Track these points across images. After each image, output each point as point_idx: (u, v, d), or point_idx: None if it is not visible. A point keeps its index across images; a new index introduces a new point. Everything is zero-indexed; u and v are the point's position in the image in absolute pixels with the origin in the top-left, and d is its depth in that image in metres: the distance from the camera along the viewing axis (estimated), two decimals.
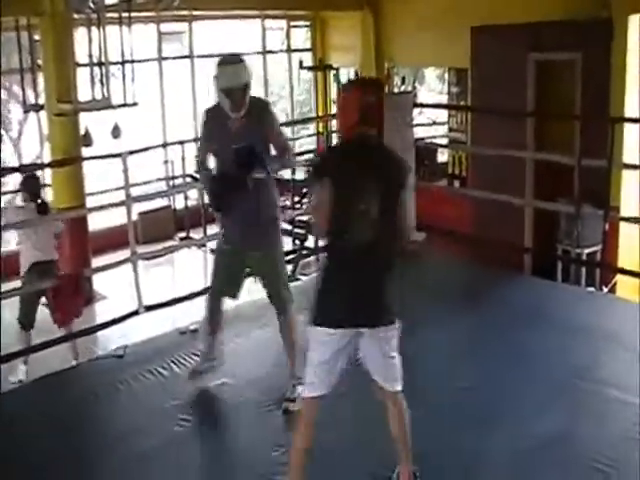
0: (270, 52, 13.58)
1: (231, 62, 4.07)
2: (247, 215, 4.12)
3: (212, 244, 9.43)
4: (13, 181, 12.49)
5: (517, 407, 4.15)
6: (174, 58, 12.20)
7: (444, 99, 11.66)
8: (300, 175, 12.18)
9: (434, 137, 11.36)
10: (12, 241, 8.59)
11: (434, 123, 11.75)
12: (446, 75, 11.64)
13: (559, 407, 4.16)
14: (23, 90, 9.74)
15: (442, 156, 11.17)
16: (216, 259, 4.44)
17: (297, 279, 8.38)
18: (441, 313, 5.40)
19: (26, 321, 6.69)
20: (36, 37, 9.51)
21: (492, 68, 9.04)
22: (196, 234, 10.45)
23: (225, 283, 4.39)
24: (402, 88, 11.63)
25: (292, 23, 13.81)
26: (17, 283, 6.67)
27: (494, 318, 5.35)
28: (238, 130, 4.07)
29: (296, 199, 11.88)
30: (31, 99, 9.66)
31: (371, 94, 3.29)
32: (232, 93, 3.98)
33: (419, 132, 10.65)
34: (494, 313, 5.44)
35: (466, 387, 4.34)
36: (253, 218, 4.14)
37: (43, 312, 6.68)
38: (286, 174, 11.98)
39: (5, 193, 12.29)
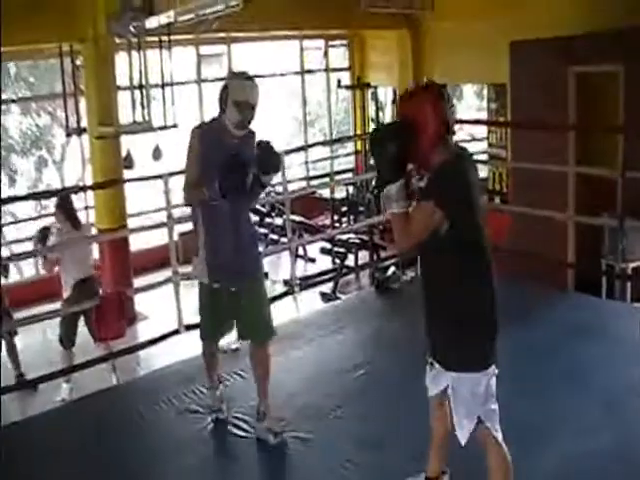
0: (308, 72, 13.68)
1: (250, 78, 3.96)
2: (233, 242, 3.98)
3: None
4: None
5: (569, 425, 4.05)
6: (213, 80, 12.32)
7: (482, 115, 11.60)
8: (340, 194, 12.20)
9: (473, 154, 11.27)
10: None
11: (473, 139, 11.69)
12: (485, 91, 11.59)
13: (613, 424, 4.05)
14: (66, 114, 9.91)
15: (481, 173, 11.09)
16: (203, 299, 4.16)
17: (337, 298, 8.36)
18: None
19: (67, 340, 6.77)
20: (78, 62, 9.70)
21: (532, 82, 8.95)
22: None
23: (219, 324, 4.21)
24: None
25: (330, 43, 13.89)
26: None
27: (540, 335, 5.25)
28: (237, 149, 3.89)
29: (335, 217, 11.88)
30: (74, 123, 9.83)
31: (448, 98, 2.90)
32: (246, 108, 3.86)
33: None
34: (540, 330, 5.35)
35: (515, 406, 4.25)
36: (239, 244, 4.00)
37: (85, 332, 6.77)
38: (325, 192, 12.03)
39: (47, 215, 12.56)
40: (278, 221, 10.19)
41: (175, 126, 9.50)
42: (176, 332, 5.76)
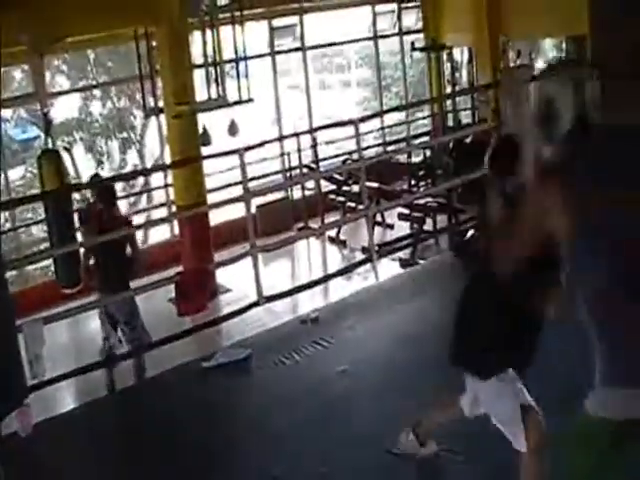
0: (382, 37, 13.45)
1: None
2: None
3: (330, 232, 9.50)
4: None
5: None
6: (287, 52, 12.33)
7: None
8: (417, 158, 12.06)
9: None
10: None
11: None
12: (563, 44, 11.23)
13: None
14: (143, 96, 10.09)
15: None
16: None
17: (416, 263, 8.30)
18: None
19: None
20: (153, 43, 9.84)
21: (615, 28, 8.55)
22: (314, 224, 10.50)
23: None
24: (517, 62, 11.32)
25: (403, 5, 13.58)
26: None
27: None
28: None
29: (413, 182, 11.73)
30: (151, 104, 10.00)
31: None
32: None
33: None
34: None
35: None
36: None
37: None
38: (402, 158, 11.90)
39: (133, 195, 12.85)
40: (355, 188, 10.12)
41: (250, 100, 9.51)
42: (256, 304, 5.84)
